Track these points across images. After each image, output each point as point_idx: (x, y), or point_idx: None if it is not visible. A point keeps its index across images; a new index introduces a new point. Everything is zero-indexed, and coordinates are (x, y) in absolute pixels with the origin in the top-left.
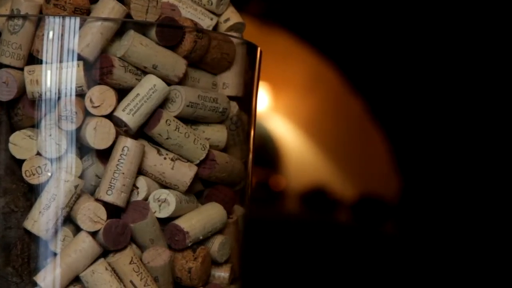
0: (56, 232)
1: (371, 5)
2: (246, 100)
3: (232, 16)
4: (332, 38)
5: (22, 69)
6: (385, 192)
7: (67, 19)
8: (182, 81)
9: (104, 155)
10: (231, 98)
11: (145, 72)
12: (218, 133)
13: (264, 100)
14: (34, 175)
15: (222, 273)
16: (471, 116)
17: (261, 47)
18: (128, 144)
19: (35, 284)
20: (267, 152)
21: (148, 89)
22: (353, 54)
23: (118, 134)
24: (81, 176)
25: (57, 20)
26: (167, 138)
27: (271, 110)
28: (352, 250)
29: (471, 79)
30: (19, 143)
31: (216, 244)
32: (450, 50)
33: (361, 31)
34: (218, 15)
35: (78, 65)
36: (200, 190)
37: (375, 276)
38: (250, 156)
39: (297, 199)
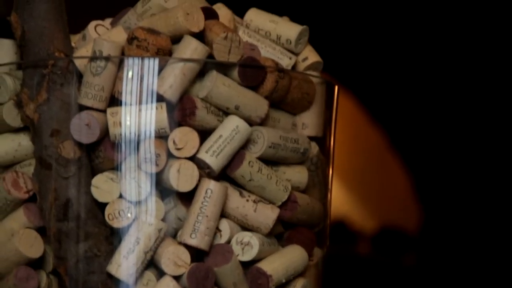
0: (139, 276)
1: (389, 35)
2: (324, 140)
3: (310, 55)
4: (350, 67)
5: (104, 111)
6: (405, 224)
7: (151, 60)
8: (263, 122)
9: (186, 197)
10: (310, 138)
11: (226, 113)
12: (298, 174)
13: None
14: (117, 218)
15: None
16: (493, 147)
17: None
18: (211, 186)
19: None
20: None
21: (231, 130)
22: (372, 84)
23: (201, 176)
24: (163, 219)
25: (137, 61)
26: (249, 180)
27: None
28: (373, 282)
29: (495, 112)
30: (102, 186)
31: (298, 287)
32: (470, 83)
33: (380, 61)
34: (297, 54)
35: (161, 107)
36: (280, 232)
37: None
38: (329, 196)
39: None
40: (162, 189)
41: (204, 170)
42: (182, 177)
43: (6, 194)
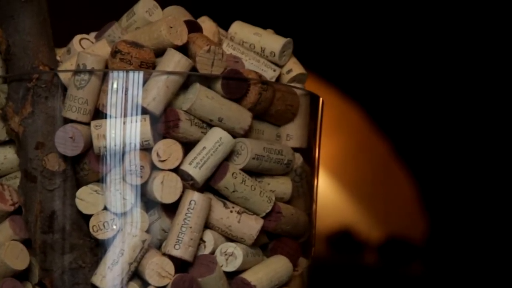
0: (123, 287)
1: (394, 45)
2: (309, 151)
3: (294, 67)
4: (356, 78)
5: (88, 124)
6: (411, 233)
7: (135, 73)
8: (247, 134)
9: (170, 209)
10: (295, 149)
11: (210, 125)
12: (282, 185)
13: None
14: (101, 230)
15: None
16: (499, 156)
17: None
18: (195, 198)
19: None
20: None
21: (214, 142)
22: (377, 95)
23: (184, 188)
24: (147, 231)
25: (121, 74)
26: (233, 191)
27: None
28: None
29: (501, 122)
30: (86, 198)
31: None
32: (476, 94)
33: (385, 72)
34: (281, 66)
35: (145, 119)
36: (265, 242)
37: None
38: (314, 207)
39: (323, 241)
40: (147, 200)
41: (188, 182)
42: (165, 188)
43: None
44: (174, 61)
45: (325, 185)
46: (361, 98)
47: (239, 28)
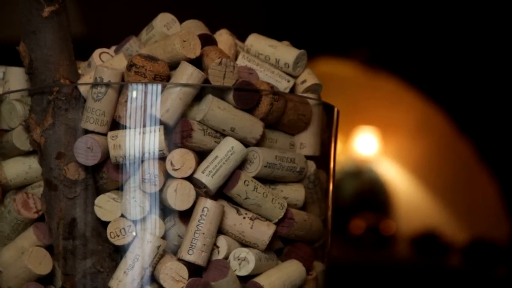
0: None
1: (479, 49)
2: (324, 158)
3: (308, 78)
4: (439, 81)
5: (105, 135)
6: (496, 235)
7: (149, 86)
8: (260, 143)
9: (186, 215)
10: (308, 157)
11: (223, 135)
12: (296, 192)
13: (373, 144)
14: (118, 236)
15: None
16: None
17: (367, 92)
18: (207, 205)
19: None
20: (377, 196)
21: (227, 151)
22: (460, 98)
23: (198, 195)
24: (164, 237)
25: (140, 86)
26: (245, 198)
27: (380, 154)
28: None
29: None
30: (104, 206)
31: None
32: None
33: (468, 75)
34: (295, 77)
35: (159, 130)
36: (280, 247)
37: None
38: (329, 213)
39: (408, 243)
40: (164, 207)
41: (201, 190)
42: (179, 196)
43: (16, 214)
44: (187, 74)
45: (409, 188)
46: (444, 101)
47: (255, 41)
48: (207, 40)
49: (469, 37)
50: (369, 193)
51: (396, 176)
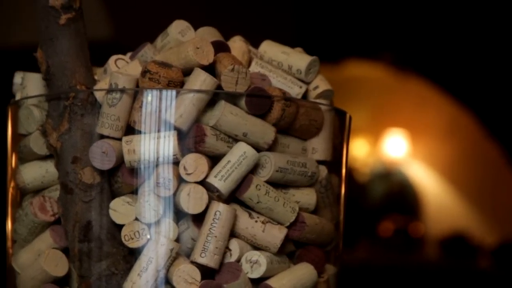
0: None
1: (506, 51)
2: (336, 163)
3: (320, 84)
4: (468, 84)
5: (120, 139)
6: None
7: (163, 92)
8: (272, 147)
9: (199, 219)
10: (320, 162)
11: (236, 140)
12: (307, 196)
13: (402, 146)
14: (132, 239)
15: None
16: None
17: (396, 94)
18: (220, 208)
19: None
20: (406, 198)
21: (239, 156)
22: (489, 100)
23: (211, 199)
24: (177, 240)
25: (154, 92)
26: (257, 202)
27: (410, 157)
28: None
29: None
30: (119, 209)
31: None
32: None
33: (496, 77)
34: (307, 83)
35: (173, 135)
36: (292, 250)
37: None
38: (341, 217)
39: (437, 245)
40: (178, 211)
41: (214, 194)
42: (192, 200)
43: (33, 217)
44: (200, 80)
45: (438, 190)
46: (473, 103)
47: (268, 47)
48: (220, 47)
49: (499, 40)
50: (398, 195)
51: (425, 178)
